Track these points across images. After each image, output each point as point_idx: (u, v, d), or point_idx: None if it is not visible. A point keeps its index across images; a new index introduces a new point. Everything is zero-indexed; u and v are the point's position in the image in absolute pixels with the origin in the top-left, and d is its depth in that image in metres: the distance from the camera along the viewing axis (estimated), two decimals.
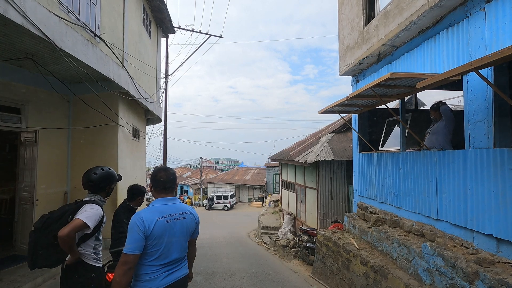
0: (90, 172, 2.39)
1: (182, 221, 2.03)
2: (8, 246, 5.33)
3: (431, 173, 3.84)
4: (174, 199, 2.10)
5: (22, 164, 5.42)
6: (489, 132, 2.99)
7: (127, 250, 1.81)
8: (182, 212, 2.06)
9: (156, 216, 1.91)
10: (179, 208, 2.06)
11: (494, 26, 2.96)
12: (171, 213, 2.00)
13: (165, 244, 1.92)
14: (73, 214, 2.21)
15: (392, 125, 5.56)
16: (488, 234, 2.94)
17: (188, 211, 2.10)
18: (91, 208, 2.23)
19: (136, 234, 1.83)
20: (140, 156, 8.47)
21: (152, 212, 1.93)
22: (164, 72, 11.43)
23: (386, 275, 3.86)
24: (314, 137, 13.32)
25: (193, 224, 2.12)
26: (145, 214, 1.90)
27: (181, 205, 2.11)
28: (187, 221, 2.06)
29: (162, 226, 1.91)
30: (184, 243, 2.07)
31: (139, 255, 1.85)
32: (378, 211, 5.25)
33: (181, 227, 2.01)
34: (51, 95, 5.41)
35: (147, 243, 1.85)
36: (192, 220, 2.12)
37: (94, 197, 2.37)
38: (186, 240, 2.08)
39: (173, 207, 2.04)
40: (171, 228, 1.96)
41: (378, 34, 4.90)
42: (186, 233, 2.06)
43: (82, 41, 4.37)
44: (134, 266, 1.86)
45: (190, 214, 2.11)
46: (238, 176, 39.00)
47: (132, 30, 7.03)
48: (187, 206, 2.16)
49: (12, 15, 2.99)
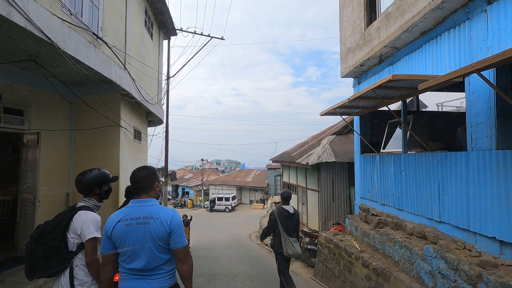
0: (79, 174, 2.37)
1: (145, 226, 1.84)
2: (10, 247, 5.34)
3: (433, 175, 3.83)
4: (146, 201, 1.95)
5: (24, 165, 5.44)
6: (491, 134, 2.98)
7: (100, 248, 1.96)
8: (146, 217, 1.86)
9: (117, 218, 1.88)
10: (145, 212, 1.88)
11: (496, 27, 2.95)
12: (134, 216, 1.87)
13: (128, 248, 1.84)
14: (68, 223, 2.17)
15: (393, 126, 5.55)
16: (491, 237, 2.92)
17: (155, 216, 1.87)
18: (87, 218, 2.18)
19: (103, 234, 1.92)
20: (142, 158, 8.48)
21: (117, 214, 1.93)
22: (166, 74, 11.47)
23: (388, 278, 3.84)
24: (316, 139, 13.30)
25: (160, 231, 1.85)
26: (112, 216, 1.94)
27: (151, 208, 1.92)
28: (150, 227, 1.84)
29: (122, 230, 1.84)
30: (154, 251, 1.85)
31: (110, 254, 1.92)
32: (380, 213, 5.23)
33: (143, 232, 1.83)
34: (53, 97, 5.44)
35: (114, 244, 1.90)
36: (159, 226, 1.85)
37: (88, 202, 2.32)
38: (156, 248, 1.85)
39: (140, 210, 1.89)
40: (131, 233, 1.83)
41: (379, 36, 4.90)
42: (151, 240, 1.83)
43: (84, 43, 4.40)
44: (111, 263, 1.94)
45: (157, 219, 1.86)
46: (239, 178, 38.98)
47: (134, 32, 7.07)
48: (161, 210, 1.92)
49: (16, 17, 3.01)
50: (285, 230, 4.41)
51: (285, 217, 4.48)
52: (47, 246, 2.12)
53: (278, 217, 4.49)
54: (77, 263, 2.19)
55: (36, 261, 2.12)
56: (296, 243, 4.44)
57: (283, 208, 4.55)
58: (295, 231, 4.56)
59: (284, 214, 4.50)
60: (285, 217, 4.48)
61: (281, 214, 4.50)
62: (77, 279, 2.16)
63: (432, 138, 4.90)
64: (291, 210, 4.57)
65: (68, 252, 2.17)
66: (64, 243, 2.17)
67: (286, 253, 4.38)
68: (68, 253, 2.16)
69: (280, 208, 4.56)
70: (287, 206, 4.62)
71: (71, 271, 2.16)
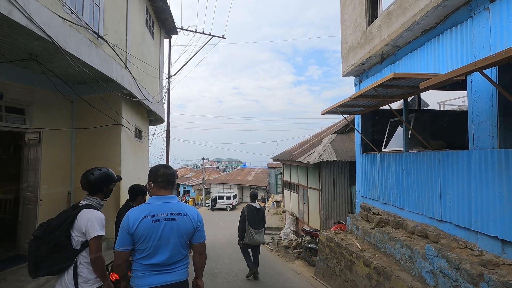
0: (87, 172, 2.38)
1: (173, 222, 1.90)
2: (12, 246, 5.36)
3: (434, 174, 3.81)
4: (170, 197, 1.99)
5: (26, 164, 5.45)
6: (493, 133, 2.96)
7: (115, 246, 1.92)
8: (174, 213, 1.92)
9: (142, 214, 1.87)
10: (172, 208, 1.93)
11: (499, 25, 2.93)
12: (160, 212, 1.90)
13: (152, 244, 1.86)
14: (73, 221, 2.18)
15: (395, 125, 5.53)
16: (492, 236, 2.91)
17: (182, 213, 1.95)
18: (92, 216, 2.19)
19: (122, 232, 1.88)
20: (143, 157, 8.49)
21: (141, 210, 1.91)
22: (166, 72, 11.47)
23: (389, 277, 3.84)
24: (317, 137, 13.29)
25: (188, 227, 1.94)
26: (133, 212, 1.91)
27: (177, 205, 1.98)
28: (179, 222, 1.91)
29: (148, 226, 1.85)
30: (178, 246, 1.92)
31: (127, 252, 1.90)
32: (381, 212, 5.22)
33: (170, 228, 1.89)
34: (54, 96, 5.45)
35: (134, 240, 1.88)
36: (188, 222, 1.94)
37: (91, 201, 2.33)
38: (180, 243, 1.93)
39: (166, 206, 1.93)
40: (158, 229, 1.87)
41: (381, 34, 4.88)
42: (178, 235, 1.91)
43: (85, 42, 4.40)
44: (125, 262, 1.92)
45: (185, 216, 1.95)
46: (240, 177, 39.01)
47: (135, 31, 7.06)
48: (185, 207, 2.01)
49: (17, 16, 3.01)
50: (249, 223, 5.45)
51: (252, 212, 5.56)
52: (51, 244, 2.13)
53: (247, 212, 5.55)
54: (81, 260, 2.20)
55: (40, 259, 2.13)
56: (258, 234, 5.48)
57: (251, 205, 5.66)
58: (260, 224, 5.59)
59: (251, 209, 5.59)
60: (252, 212, 5.56)
61: (249, 209, 5.59)
62: (81, 277, 2.17)
63: (434, 137, 4.88)
64: (257, 206, 5.68)
65: (72, 250, 2.18)
66: (68, 241, 2.18)
67: (245, 241, 5.46)
68: (72, 251, 2.18)
69: (249, 205, 5.67)
70: (254, 203, 5.71)
71: (75, 269, 2.17)
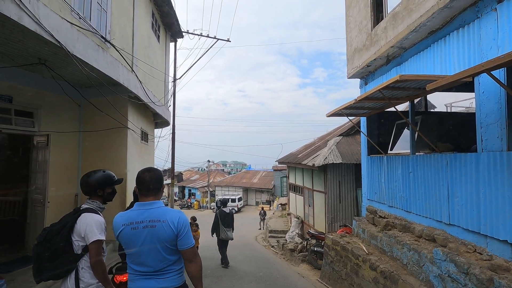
0: (85, 175, 2.37)
1: (151, 230, 1.85)
2: (20, 247, 5.43)
3: (442, 177, 3.76)
4: (152, 203, 1.94)
5: (34, 167, 5.54)
6: (502, 135, 2.91)
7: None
8: (153, 220, 1.87)
9: (122, 222, 1.89)
10: (151, 215, 1.89)
11: (507, 26, 2.90)
12: (139, 220, 1.87)
13: (135, 251, 1.86)
14: (73, 225, 2.19)
15: (401, 127, 5.48)
16: (502, 240, 2.86)
17: (162, 219, 1.87)
18: (91, 220, 2.19)
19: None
20: (148, 159, 8.56)
21: (122, 217, 1.93)
22: (172, 76, 11.57)
23: (397, 281, 3.78)
24: (322, 140, 13.22)
25: (167, 233, 1.86)
26: (116, 219, 1.94)
27: (157, 211, 1.91)
28: (158, 230, 1.85)
29: (128, 234, 1.86)
30: (161, 253, 1.87)
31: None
32: (388, 215, 5.16)
33: (150, 236, 1.85)
34: (62, 99, 5.53)
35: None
36: (167, 228, 1.86)
37: (92, 204, 2.32)
38: (164, 250, 1.88)
39: (145, 213, 1.89)
40: (139, 236, 1.85)
41: (386, 36, 4.86)
42: (158, 242, 1.85)
43: (93, 46, 4.47)
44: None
45: (164, 222, 1.87)
46: (245, 179, 38.98)
47: (142, 35, 7.15)
48: (167, 213, 1.92)
49: (26, 22, 3.07)
50: (222, 223, 7.23)
51: (224, 215, 7.34)
52: (52, 248, 2.14)
53: (219, 215, 7.34)
54: (83, 265, 2.20)
55: (43, 263, 2.14)
56: (229, 231, 7.28)
57: (222, 210, 7.49)
58: (230, 224, 7.36)
59: (223, 213, 7.37)
60: (223, 215, 7.34)
61: (221, 213, 7.38)
62: (83, 281, 2.17)
63: (441, 139, 4.82)
64: (227, 211, 7.53)
65: (73, 255, 2.18)
66: (69, 246, 2.18)
67: (221, 237, 7.25)
68: (74, 255, 2.18)
69: (220, 210, 7.49)
70: (225, 208, 7.61)
71: (77, 273, 2.18)
